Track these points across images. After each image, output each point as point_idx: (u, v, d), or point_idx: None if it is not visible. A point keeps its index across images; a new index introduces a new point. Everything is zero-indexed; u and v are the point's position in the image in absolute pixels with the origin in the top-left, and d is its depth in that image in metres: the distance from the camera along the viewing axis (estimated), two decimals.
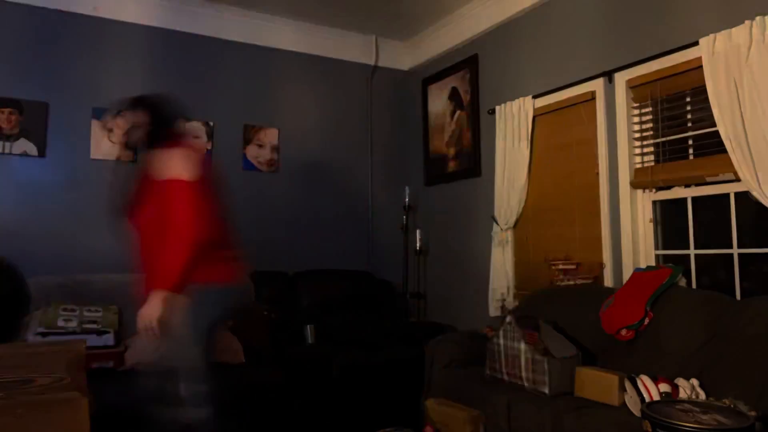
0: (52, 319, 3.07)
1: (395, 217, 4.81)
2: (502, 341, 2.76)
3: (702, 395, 2.23)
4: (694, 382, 2.26)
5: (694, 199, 2.89)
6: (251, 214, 4.27)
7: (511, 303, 3.74)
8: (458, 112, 4.44)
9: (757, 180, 2.44)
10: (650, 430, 1.85)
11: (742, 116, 2.50)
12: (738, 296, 2.67)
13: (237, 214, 4.18)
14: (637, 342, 2.62)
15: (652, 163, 3.05)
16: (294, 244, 4.42)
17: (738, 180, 2.58)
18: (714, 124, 2.63)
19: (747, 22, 2.48)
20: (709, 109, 2.65)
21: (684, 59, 2.83)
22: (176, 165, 2.19)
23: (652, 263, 3.04)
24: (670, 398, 2.14)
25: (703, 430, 1.73)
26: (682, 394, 2.20)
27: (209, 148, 4.14)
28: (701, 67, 2.67)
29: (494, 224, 3.86)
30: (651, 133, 3.06)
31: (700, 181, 2.81)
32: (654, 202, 3.08)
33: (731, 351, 2.26)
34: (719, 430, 1.74)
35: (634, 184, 3.09)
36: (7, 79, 3.56)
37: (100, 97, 3.81)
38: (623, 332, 2.63)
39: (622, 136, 3.14)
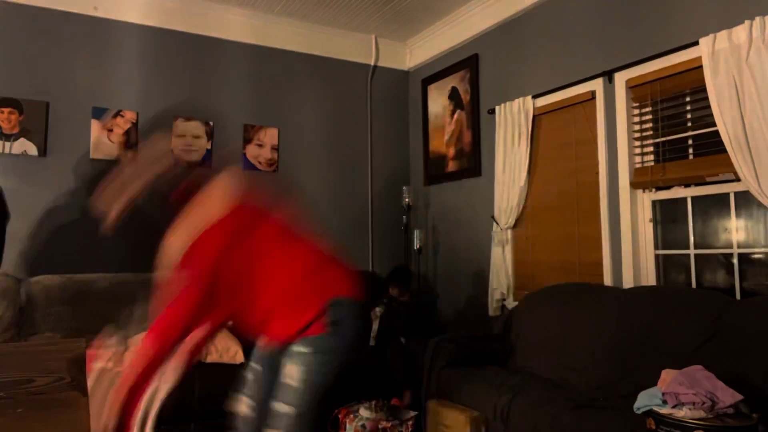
0: None
1: (395, 217, 4.81)
2: None
3: None
4: None
5: (693, 198, 2.89)
6: None
7: (511, 303, 3.74)
8: (458, 112, 4.44)
9: (757, 180, 2.44)
10: (654, 427, 1.85)
11: (742, 116, 2.50)
12: (738, 296, 2.67)
13: None
14: (637, 341, 2.61)
15: (652, 163, 3.05)
16: None
17: (738, 180, 2.58)
18: (714, 124, 2.63)
19: (747, 22, 2.48)
20: (708, 108, 2.66)
21: (684, 59, 2.83)
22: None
23: (652, 263, 3.04)
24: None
25: (706, 427, 1.73)
26: None
27: (209, 147, 4.14)
28: (701, 67, 2.67)
29: (494, 224, 3.86)
30: (651, 133, 3.06)
31: (700, 181, 2.81)
32: (654, 202, 3.08)
33: (731, 351, 2.26)
34: (722, 427, 1.74)
35: (634, 184, 3.09)
36: (7, 79, 3.56)
37: (100, 97, 3.82)
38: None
39: (621, 135, 3.14)
